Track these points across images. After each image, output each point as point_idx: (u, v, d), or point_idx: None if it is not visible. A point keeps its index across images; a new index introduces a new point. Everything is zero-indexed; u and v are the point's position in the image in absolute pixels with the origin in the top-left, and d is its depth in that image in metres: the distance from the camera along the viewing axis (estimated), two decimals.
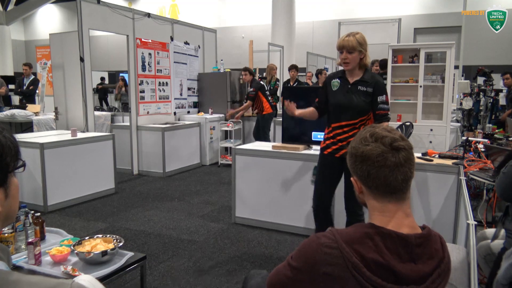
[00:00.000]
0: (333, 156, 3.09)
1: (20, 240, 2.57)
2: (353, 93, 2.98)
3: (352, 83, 3.01)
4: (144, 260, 2.60)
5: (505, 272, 1.21)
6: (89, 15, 5.89)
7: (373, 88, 2.97)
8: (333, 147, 3.08)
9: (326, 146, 3.14)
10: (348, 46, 2.91)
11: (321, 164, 3.22)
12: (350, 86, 3.01)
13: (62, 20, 20.31)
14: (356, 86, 2.99)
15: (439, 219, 3.52)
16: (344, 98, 3.00)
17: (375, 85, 2.97)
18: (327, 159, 3.14)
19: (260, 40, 12.30)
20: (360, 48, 2.92)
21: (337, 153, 3.07)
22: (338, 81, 3.07)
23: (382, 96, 2.97)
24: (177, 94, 7.72)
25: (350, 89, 3.00)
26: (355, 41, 2.91)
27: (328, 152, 3.11)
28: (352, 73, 3.02)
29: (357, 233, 1.13)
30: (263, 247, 3.82)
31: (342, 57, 2.95)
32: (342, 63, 2.97)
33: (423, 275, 1.11)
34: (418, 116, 6.54)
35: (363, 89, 2.97)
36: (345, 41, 2.92)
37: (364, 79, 2.99)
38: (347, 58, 2.92)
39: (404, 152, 1.17)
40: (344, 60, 2.94)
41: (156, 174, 6.77)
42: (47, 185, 4.79)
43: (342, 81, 3.06)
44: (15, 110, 7.31)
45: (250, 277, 1.71)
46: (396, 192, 1.17)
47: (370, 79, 2.99)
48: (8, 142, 0.92)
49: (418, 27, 14.31)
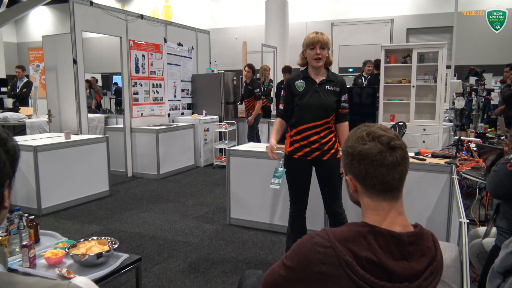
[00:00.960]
0: (304, 159, 3.01)
1: (14, 243, 2.56)
2: (322, 93, 2.96)
3: (319, 82, 2.98)
4: (139, 262, 2.59)
5: (501, 260, 1.23)
6: (82, 17, 5.87)
7: (339, 87, 3.00)
8: (304, 150, 2.99)
9: (295, 150, 3.03)
10: (322, 42, 2.91)
11: (293, 168, 3.08)
12: (317, 86, 2.98)
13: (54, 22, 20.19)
14: (323, 85, 2.98)
15: (432, 217, 3.55)
16: (314, 99, 2.95)
17: (341, 84, 3.01)
18: (299, 163, 3.04)
19: (254, 41, 12.32)
20: (329, 45, 2.97)
21: (309, 156, 2.99)
22: (303, 82, 3.01)
23: (345, 95, 3.03)
24: (171, 95, 7.71)
25: (318, 89, 2.97)
26: (326, 37, 2.95)
27: (299, 155, 3.01)
28: (318, 72, 3.00)
29: (350, 231, 1.14)
30: (258, 248, 3.83)
31: (315, 53, 2.91)
32: (314, 59, 2.92)
33: (415, 272, 1.13)
34: (411, 116, 6.58)
35: (331, 88, 2.98)
36: (319, 37, 2.91)
37: (329, 78, 3.00)
38: (320, 54, 2.91)
39: (401, 151, 1.18)
40: (317, 55, 2.91)
41: (151, 176, 6.76)
42: (40, 188, 4.77)
43: (307, 81, 3.00)
44: (8, 113, 7.27)
45: (245, 278, 1.72)
46: (391, 190, 1.19)
47: (335, 78, 3.02)
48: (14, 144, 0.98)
49: (411, 28, 14.39)
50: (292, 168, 3.08)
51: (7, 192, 0.95)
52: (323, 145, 2.98)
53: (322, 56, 2.92)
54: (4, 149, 0.93)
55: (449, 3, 12.58)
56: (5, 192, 0.94)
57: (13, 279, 0.86)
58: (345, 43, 8.94)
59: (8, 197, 0.95)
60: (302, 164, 3.04)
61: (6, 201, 0.95)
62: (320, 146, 2.98)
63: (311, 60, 2.95)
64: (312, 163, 3.04)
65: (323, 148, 2.98)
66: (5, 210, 0.96)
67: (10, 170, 0.94)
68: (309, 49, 2.94)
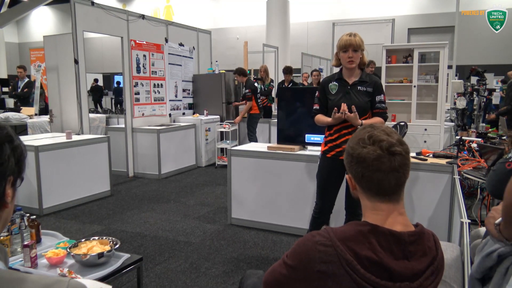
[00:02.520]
0: (337, 159, 3.05)
1: (16, 243, 2.57)
2: (353, 94, 2.99)
3: (352, 84, 3.02)
4: (140, 261, 2.60)
5: (478, 265, 1.23)
6: (83, 17, 5.88)
7: (372, 88, 3.01)
8: (336, 150, 3.05)
9: (328, 149, 3.09)
10: (355, 45, 2.92)
11: (324, 167, 3.15)
12: (349, 87, 3.02)
13: (56, 22, 20.24)
14: (355, 86, 3.01)
15: (434, 217, 3.55)
16: (346, 100, 2.98)
17: (375, 85, 3.02)
18: (331, 162, 3.08)
19: (255, 41, 12.33)
20: (363, 46, 2.97)
21: (341, 156, 3.01)
22: (336, 83, 3.07)
23: (380, 95, 3.03)
24: (172, 95, 7.72)
25: (350, 90, 3.01)
26: (360, 39, 2.95)
27: (332, 155, 3.07)
28: (351, 73, 3.03)
29: (351, 231, 1.14)
30: (259, 248, 3.83)
31: (348, 56, 2.93)
32: (347, 61, 2.95)
33: (416, 272, 1.13)
34: (412, 116, 6.58)
35: (363, 89, 3.00)
36: (352, 40, 2.92)
37: (362, 79, 3.02)
38: (353, 56, 2.93)
39: (400, 157, 1.18)
40: (349, 58, 2.93)
41: (152, 176, 6.77)
42: (42, 188, 4.78)
43: (340, 83, 3.06)
44: (9, 113, 7.28)
45: (247, 277, 1.72)
46: (388, 194, 1.19)
47: (368, 79, 3.03)
48: (21, 144, 0.99)
49: (412, 27, 14.39)
50: (324, 166, 3.14)
51: (11, 191, 0.94)
52: None
53: (355, 59, 2.94)
54: (10, 145, 0.94)
55: (450, 3, 12.57)
56: (8, 189, 0.93)
57: (16, 276, 0.86)
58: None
59: (12, 196, 0.95)
60: (334, 163, 3.06)
61: (8, 199, 0.94)
62: None
63: (345, 63, 2.98)
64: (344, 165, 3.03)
65: None
66: (7, 209, 0.95)
67: (16, 168, 0.95)
68: (342, 52, 2.97)
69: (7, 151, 0.93)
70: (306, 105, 4.03)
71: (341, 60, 3.02)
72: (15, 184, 0.96)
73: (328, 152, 3.10)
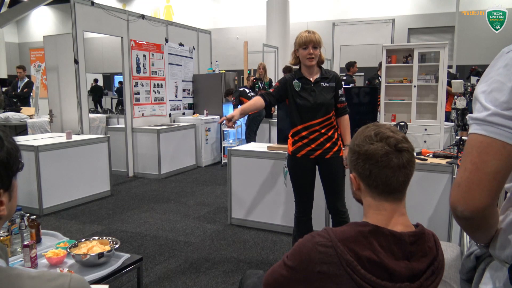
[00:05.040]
0: (307, 158, 3.00)
1: (16, 243, 2.57)
2: (318, 91, 2.97)
3: (314, 81, 2.99)
4: (140, 261, 2.60)
5: (461, 266, 1.24)
6: (83, 17, 5.88)
7: (334, 82, 3.01)
8: (306, 149, 2.99)
9: (297, 149, 3.02)
10: (315, 41, 2.90)
11: (296, 168, 3.07)
12: (312, 84, 2.99)
13: (56, 22, 20.23)
14: (319, 83, 2.99)
15: (434, 217, 3.55)
16: (311, 97, 2.95)
17: (336, 79, 3.03)
18: (301, 161, 3.04)
19: (255, 41, 12.33)
20: (322, 44, 2.97)
21: (312, 155, 2.99)
22: (298, 82, 3.01)
23: (341, 89, 3.05)
24: (172, 95, 7.72)
25: (314, 88, 2.98)
26: (319, 37, 2.94)
27: (302, 154, 3.00)
28: (311, 70, 3.00)
29: (351, 231, 1.14)
30: (259, 248, 3.83)
31: (307, 53, 2.90)
32: (307, 58, 2.92)
33: (417, 272, 1.13)
34: (412, 116, 6.57)
35: (326, 85, 2.99)
36: (312, 37, 2.90)
37: (324, 75, 3.01)
38: (313, 53, 2.91)
39: (407, 154, 1.18)
40: (309, 55, 2.91)
41: (152, 176, 6.77)
42: (42, 188, 4.78)
43: (302, 81, 3.00)
44: (9, 113, 7.28)
45: (247, 277, 1.72)
46: (394, 192, 1.19)
47: (329, 74, 3.03)
48: (13, 147, 0.94)
49: (412, 27, 14.38)
50: (296, 167, 3.07)
51: (5, 198, 0.92)
52: (325, 143, 2.98)
53: (315, 56, 2.92)
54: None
55: (450, 3, 12.57)
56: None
57: (17, 272, 0.87)
58: (346, 43, 8.94)
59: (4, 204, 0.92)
60: (305, 163, 3.03)
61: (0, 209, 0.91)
62: (322, 144, 2.98)
63: (304, 60, 2.95)
64: (315, 162, 3.03)
65: (325, 145, 2.98)
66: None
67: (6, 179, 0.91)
68: (302, 49, 2.93)
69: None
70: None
71: (300, 57, 2.97)
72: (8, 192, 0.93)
73: (298, 152, 3.02)
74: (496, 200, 0.99)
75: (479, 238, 1.11)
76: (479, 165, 0.96)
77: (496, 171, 0.95)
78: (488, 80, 1.00)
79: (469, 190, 0.97)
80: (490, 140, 0.95)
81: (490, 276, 1.09)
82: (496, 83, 0.97)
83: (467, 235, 1.92)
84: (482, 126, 0.97)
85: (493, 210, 1.01)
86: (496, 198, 0.99)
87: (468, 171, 0.97)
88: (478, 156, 0.96)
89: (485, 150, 0.96)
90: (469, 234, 1.13)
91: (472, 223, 1.02)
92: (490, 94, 0.98)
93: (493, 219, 1.04)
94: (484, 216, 0.99)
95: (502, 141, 0.94)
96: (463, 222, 1.03)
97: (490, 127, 0.95)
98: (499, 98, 0.95)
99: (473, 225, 1.03)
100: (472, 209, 0.97)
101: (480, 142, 0.97)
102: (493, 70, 1.00)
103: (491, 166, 0.95)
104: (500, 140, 0.94)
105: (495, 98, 0.96)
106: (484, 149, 0.96)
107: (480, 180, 0.96)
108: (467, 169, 0.98)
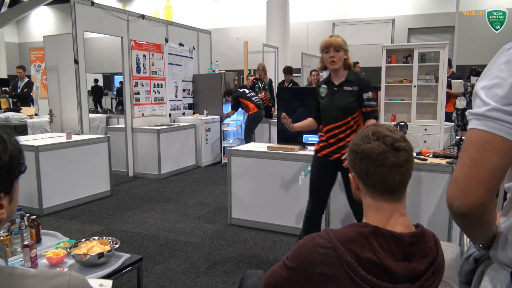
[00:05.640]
0: (327, 159, 3.09)
1: (16, 243, 2.57)
2: (338, 95, 3.01)
3: (338, 84, 3.04)
4: (140, 261, 2.60)
5: (460, 269, 1.23)
6: (83, 17, 5.88)
7: (358, 85, 3.01)
8: (327, 150, 3.09)
9: (320, 149, 3.15)
10: (335, 44, 2.94)
11: (315, 166, 3.20)
12: (336, 88, 3.04)
13: (56, 22, 20.22)
14: (341, 87, 3.03)
15: (434, 218, 3.55)
16: (330, 101, 3.03)
17: (360, 83, 3.02)
18: (321, 161, 3.14)
19: (255, 41, 12.32)
20: (345, 47, 2.99)
21: (331, 156, 3.07)
22: (325, 86, 3.11)
23: (367, 93, 3.02)
24: (172, 95, 7.72)
25: (336, 91, 3.03)
26: (341, 40, 2.97)
27: (322, 154, 3.12)
28: (337, 74, 3.05)
29: (351, 232, 1.14)
30: (259, 248, 3.83)
31: (329, 56, 2.95)
32: (329, 62, 2.97)
33: (417, 273, 1.13)
34: (412, 116, 6.58)
35: (349, 89, 3.01)
36: (332, 40, 2.95)
37: (348, 79, 3.03)
38: (334, 56, 2.94)
39: (405, 153, 1.18)
40: (331, 58, 2.95)
41: (152, 176, 6.77)
42: (42, 188, 4.78)
43: (329, 85, 3.09)
44: (9, 113, 7.28)
45: (247, 277, 1.72)
46: (392, 192, 1.19)
47: (354, 78, 3.04)
48: (16, 150, 0.93)
49: (412, 27, 14.38)
50: (315, 165, 3.20)
51: (5, 202, 0.92)
52: (343, 147, 3.00)
53: (337, 59, 2.95)
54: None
55: (450, 3, 12.57)
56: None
57: (17, 271, 0.87)
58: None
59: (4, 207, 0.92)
60: (324, 163, 3.10)
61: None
62: (341, 147, 3.01)
63: (327, 63, 3.01)
64: (335, 165, 3.06)
65: (343, 149, 3.00)
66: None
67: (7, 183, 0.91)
68: (324, 53, 3.00)
69: None
70: (306, 105, 4.04)
71: (324, 61, 3.03)
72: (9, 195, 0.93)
73: (319, 152, 3.14)
74: (493, 197, 0.99)
75: (477, 237, 1.10)
76: (477, 160, 0.95)
77: (495, 167, 0.94)
78: (489, 76, 1.00)
79: (466, 185, 0.96)
80: (489, 135, 0.95)
81: (490, 279, 1.09)
82: (497, 79, 0.97)
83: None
84: (481, 121, 0.96)
85: (490, 208, 1.00)
86: (494, 195, 0.98)
87: (466, 167, 0.97)
88: (477, 151, 0.96)
89: (484, 146, 0.95)
90: (466, 233, 1.13)
91: (468, 220, 1.01)
92: (490, 89, 0.97)
93: (490, 217, 1.03)
94: (481, 213, 0.98)
95: (502, 136, 0.93)
96: (460, 219, 1.02)
97: (490, 122, 0.95)
98: (499, 94, 0.95)
99: (469, 222, 1.02)
100: (469, 205, 0.96)
101: (480, 137, 0.96)
102: (494, 66, 1.00)
103: (490, 161, 0.94)
104: (499, 135, 0.94)
105: (495, 94, 0.96)
106: (483, 144, 0.95)
107: (478, 176, 0.95)
108: (465, 165, 0.97)
